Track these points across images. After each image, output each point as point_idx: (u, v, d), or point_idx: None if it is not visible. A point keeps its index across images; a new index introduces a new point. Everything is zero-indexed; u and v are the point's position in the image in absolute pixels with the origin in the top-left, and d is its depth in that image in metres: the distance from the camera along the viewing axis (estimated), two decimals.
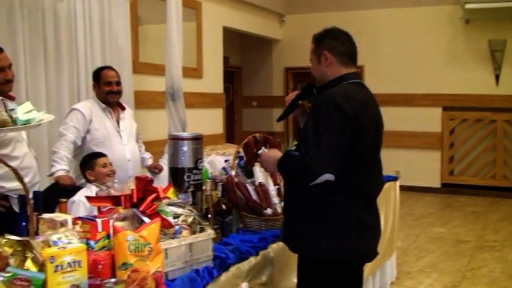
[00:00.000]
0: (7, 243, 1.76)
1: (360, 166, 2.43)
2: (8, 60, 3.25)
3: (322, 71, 2.53)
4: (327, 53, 2.50)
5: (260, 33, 9.93)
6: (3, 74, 3.19)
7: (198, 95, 7.55)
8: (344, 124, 2.31)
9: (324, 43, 2.53)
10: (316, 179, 2.29)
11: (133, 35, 6.06)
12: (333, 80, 2.50)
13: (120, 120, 4.20)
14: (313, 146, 2.29)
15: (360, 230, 2.46)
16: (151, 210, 2.23)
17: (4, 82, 3.20)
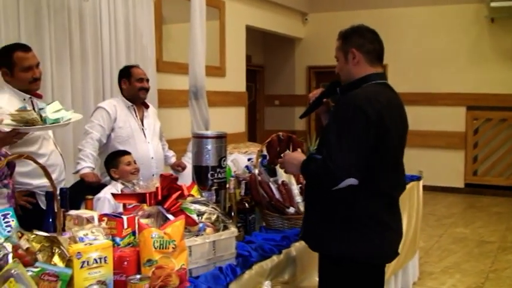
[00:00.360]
0: (35, 239, 1.80)
1: (383, 167, 2.41)
2: (35, 59, 3.31)
3: (349, 69, 2.50)
4: (355, 51, 2.46)
5: (283, 32, 9.92)
6: (31, 73, 3.25)
7: (221, 93, 7.58)
8: (367, 127, 2.28)
9: (352, 40, 2.49)
10: (338, 184, 2.28)
11: (158, 34, 6.11)
12: (357, 80, 2.47)
13: (144, 118, 4.25)
14: (335, 150, 2.26)
15: (381, 231, 2.45)
16: (175, 207, 2.26)
17: (32, 80, 3.26)
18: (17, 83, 3.25)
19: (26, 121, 2.18)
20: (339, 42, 2.53)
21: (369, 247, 2.42)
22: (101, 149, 4.06)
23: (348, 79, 2.51)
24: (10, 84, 3.25)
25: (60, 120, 2.24)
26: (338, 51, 2.53)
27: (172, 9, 6.62)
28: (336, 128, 2.32)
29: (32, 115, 2.17)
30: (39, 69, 3.32)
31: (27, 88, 3.26)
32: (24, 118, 2.18)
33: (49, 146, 3.34)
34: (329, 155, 2.27)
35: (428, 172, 7.22)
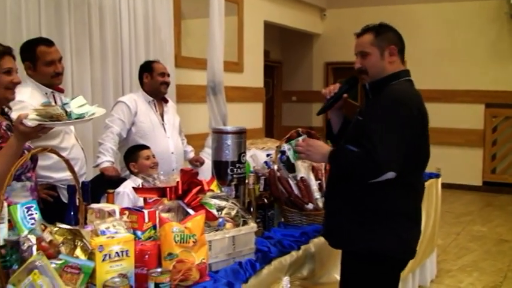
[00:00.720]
0: (58, 232, 1.82)
1: (417, 163, 2.46)
2: (58, 54, 3.34)
3: (383, 65, 2.49)
4: (394, 48, 2.48)
5: (301, 27, 9.89)
6: (54, 67, 3.28)
7: (239, 89, 7.59)
8: (410, 123, 2.33)
9: (389, 37, 2.50)
10: (379, 176, 2.30)
11: (176, 29, 6.13)
12: (389, 76, 2.48)
13: (164, 113, 4.27)
14: (380, 143, 2.27)
15: (410, 226, 2.49)
16: (195, 202, 2.27)
17: (54, 75, 3.29)
18: (39, 77, 3.28)
19: (50, 116, 2.19)
20: (371, 37, 2.50)
21: (399, 242, 2.44)
22: (121, 143, 4.09)
23: (379, 75, 2.50)
24: (33, 78, 3.29)
25: (85, 115, 2.26)
26: (371, 46, 2.49)
27: (191, 4, 6.63)
28: (380, 121, 2.33)
29: (57, 110, 2.18)
30: (61, 64, 3.35)
31: (49, 82, 3.29)
32: (49, 113, 2.19)
33: (70, 140, 3.37)
34: (374, 147, 2.27)
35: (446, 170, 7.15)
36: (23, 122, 2.22)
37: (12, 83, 2.48)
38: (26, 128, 2.23)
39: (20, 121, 2.23)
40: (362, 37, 2.53)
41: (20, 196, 2.49)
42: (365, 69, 2.52)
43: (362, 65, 2.52)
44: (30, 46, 3.31)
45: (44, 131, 2.33)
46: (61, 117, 2.19)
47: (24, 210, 1.89)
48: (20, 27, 4.17)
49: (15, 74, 2.51)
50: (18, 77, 2.53)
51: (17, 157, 2.29)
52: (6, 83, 2.46)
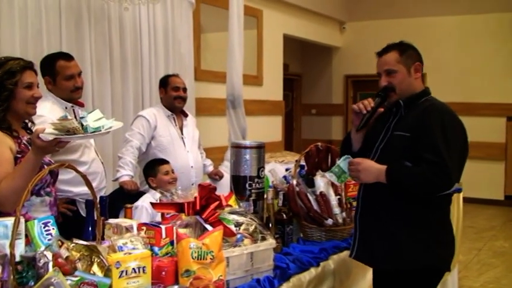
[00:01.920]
0: (75, 248, 1.81)
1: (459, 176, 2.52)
2: (77, 68, 3.36)
3: (411, 82, 2.55)
4: (419, 65, 2.55)
5: (320, 40, 9.88)
6: (73, 81, 3.30)
7: (258, 102, 7.58)
8: (463, 136, 2.47)
9: (414, 55, 2.57)
10: (451, 188, 2.37)
11: (196, 42, 6.14)
12: (421, 93, 2.56)
13: (183, 127, 4.27)
14: (448, 156, 2.34)
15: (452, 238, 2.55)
16: (213, 218, 2.25)
17: (74, 89, 3.30)
18: (59, 91, 3.30)
19: (67, 130, 2.19)
20: (396, 55, 2.54)
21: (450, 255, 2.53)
22: (141, 157, 4.10)
23: (407, 92, 2.55)
24: (53, 92, 3.30)
25: (101, 128, 2.25)
26: (397, 64, 2.53)
27: (211, 18, 6.66)
28: (440, 135, 2.38)
29: (73, 124, 2.18)
30: (81, 78, 3.36)
31: (69, 97, 3.31)
32: (66, 127, 2.19)
33: (90, 154, 3.38)
34: (443, 160, 2.32)
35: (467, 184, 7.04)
36: (39, 136, 2.23)
37: (33, 98, 2.49)
38: (43, 142, 2.23)
39: (36, 135, 2.24)
40: (386, 55, 2.56)
41: (39, 211, 2.49)
42: (392, 86, 2.54)
43: (389, 82, 2.55)
44: (49, 61, 3.33)
45: (60, 145, 2.33)
46: (77, 130, 2.19)
47: (41, 225, 1.88)
48: (41, 42, 4.21)
49: (36, 89, 2.52)
50: (39, 92, 2.54)
51: (34, 171, 2.29)
52: (27, 98, 2.47)
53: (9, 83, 2.41)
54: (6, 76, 2.41)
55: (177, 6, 5.65)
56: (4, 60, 2.47)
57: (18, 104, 2.45)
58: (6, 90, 2.41)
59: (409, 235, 2.45)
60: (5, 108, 2.43)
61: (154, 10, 5.35)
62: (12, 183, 2.24)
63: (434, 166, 2.32)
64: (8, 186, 2.25)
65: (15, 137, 2.46)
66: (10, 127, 2.45)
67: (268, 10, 7.96)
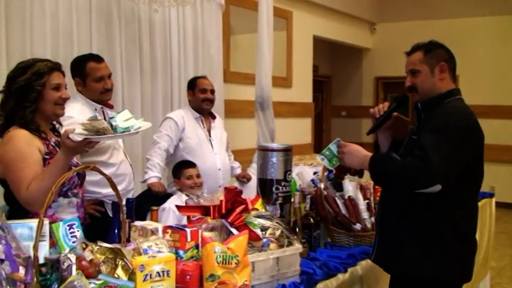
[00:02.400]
0: (99, 251, 1.80)
1: (475, 183, 2.42)
2: (107, 70, 3.37)
3: (434, 83, 2.45)
4: (444, 65, 2.44)
5: (350, 42, 9.81)
6: (103, 83, 3.31)
7: (287, 104, 7.54)
8: (464, 140, 2.29)
9: (439, 54, 2.47)
10: (430, 186, 2.24)
11: (225, 44, 6.14)
12: (443, 94, 2.44)
13: (211, 129, 4.27)
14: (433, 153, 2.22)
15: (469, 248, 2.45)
16: (239, 221, 2.22)
17: (104, 91, 3.32)
18: (89, 93, 3.31)
19: (96, 130, 2.20)
20: (420, 55, 2.47)
21: (462, 267, 2.41)
22: (169, 159, 4.11)
23: (430, 93, 2.46)
24: (83, 94, 3.32)
25: (131, 128, 2.25)
26: (420, 63, 2.46)
27: (240, 19, 6.65)
28: (434, 133, 2.28)
29: (102, 124, 2.18)
30: (110, 80, 3.38)
31: (98, 98, 3.33)
32: (95, 127, 2.20)
33: (119, 156, 3.38)
34: (426, 155, 2.21)
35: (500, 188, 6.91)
36: (69, 137, 2.24)
37: (61, 99, 2.51)
38: (73, 142, 2.24)
39: (66, 136, 2.25)
40: (412, 55, 2.50)
41: (66, 212, 2.50)
42: (415, 87, 2.47)
43: (412, 83, 2.49)
44: (80, 62, 3.35)
45: (90, 146, 2.34)
46: (107, 131, 2.20)
47: (66, 227, 1.89)
48: (72, 43, 4.25)
49: (64, 90, 2.53)
50: (67, 93, 2.55)
51: (64, 172, 2.29)
52: (55, 99, 2.48)
53: (37, 84, 2.43)
54: (35, 77, 2.43)
55: (206, 8, 5.65)
56: (32, 62, 2.50)
57: (46, 105, 2.47)
58: (35, 91, 2.43)
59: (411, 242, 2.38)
60: (34, 109, 2.45)
61: (184, 12, 5.36)
62: (41, 184, 2.26)
63: (417, 159, 2.22)
64: (38, 187, 2.27)
65: (44, 138, 2.48)
66: (38, 128, 2.47)
67: (298, 11, 7.92)
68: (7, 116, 2.46)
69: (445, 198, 2.29)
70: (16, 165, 2.35)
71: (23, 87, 2.43)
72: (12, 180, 2.37)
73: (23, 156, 2.36)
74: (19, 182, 2.33)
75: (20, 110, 2.43)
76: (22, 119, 2.43)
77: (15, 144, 2.38)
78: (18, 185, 2.33)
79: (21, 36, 3.87)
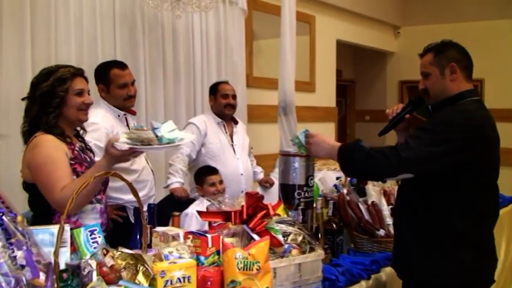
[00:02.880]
0: (120, 256, 1.80)
1: (483, 188, 2.34)
2: (131, 77, 3.40)
3: (445, 84, 2.40)
4: (455, 65, 2.38)
5: (374, 45, 9.73)
6: (127, 90, 3.34)
7: (310, 108, 7.50)
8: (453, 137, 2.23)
9: (449, 54, 2.41)
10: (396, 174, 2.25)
11: (248, 49, 6.14)
12: (453, 97, 2.39)
13: (233, 134, 4.27)
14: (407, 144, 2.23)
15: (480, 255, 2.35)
16: (260, 227, 2.21)
17: (127, 97, 3.35)
18: (112, 99, 3.34)
19: (141, 140, 2.20)
20: (430, 57, 2.43)
21: (466, 273, 2.31)
22: (191, 164, 4.12)
23: (441, 95, 2.42)
24: (106, 100, 3.35)
25: (175, 140, 2.25)
26: (430, 65, 2.42)
27: (263, 24, 6.64)
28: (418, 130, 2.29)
29: (148, 134, 2.18)
30: (134, 87, 3.40)
31: (122, 105, 3.35)
32: (140, 137, 2.19)
33: (141, 162, 3.40)
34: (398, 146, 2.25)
35: None
36: (114, 146, 2.24)
37: (84, 104, 2.53)
38: (118, 151, 2.24)
39: (111, 144, 2.25)
40: (423, 58, 2.47)
41: (89, 218, 2.52)
42: (426, 89, 2.45)
43: (424, 85, 2.45)
44: (104, 69, 3.39)
45: (135, 155, 2.35)
46: (152, 141, 2.19)
47: (88, 233, 1.89)
48: (96, 49, 4.28)
49: (86, 95, 2.56)
50: (90, 98, 2.58)
51: (102, 179, 2.36)
52: (78, 104, 2.51)
53: (60, 90, 2.46)
54: (57, 83, 2.46)
55: (229, 13, 5.66)
56: (55, 68, 2.53)
57: (69, 111, 2.50)
58: (58, 97, 2.46)
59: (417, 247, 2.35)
60: (57, 115, 2.48)
61: (207, 18, 5.37)
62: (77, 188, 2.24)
63: (387, 148, 2.23)
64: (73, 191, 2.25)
65: (69, 143, 2.51)
66: (63, 133, 2.50)
67: (321, 16, 7.88)
68: (31, 121, 2.49)
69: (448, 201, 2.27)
70: (46, 169, 2.38)
71: (46, 93, 2.46)
72: (44, 184, 2.39)
73: (51, 160, 2.39)
74: (52, 185, 2.35)
75: (43, 116, 2.46)
76: (46, 125, 2.46)
77: (43, 149, 2.41)
78: (51, 188, 2.35)
79: (46, 44, 3.91)
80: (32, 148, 2.44)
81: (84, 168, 2.50)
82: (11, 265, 1.39)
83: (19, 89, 3.33)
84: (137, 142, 2.21)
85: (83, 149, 2.63)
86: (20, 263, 1.42)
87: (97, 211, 2.57)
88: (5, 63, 3.67)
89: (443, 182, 2.29)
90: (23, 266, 1.43)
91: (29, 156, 2.44)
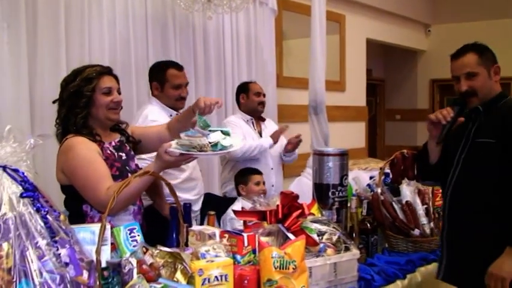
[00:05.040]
0: (159, 255, 1.82)
1: None
2: (186, 79, 3.45)
3: (491, 85, 2.43)
4: (498, 67, 2.42)
5: (405, 44, 9.64)
6: (180, 91, 3.39)
7: (341, 108, 7.48)
8: None
9: (490, 55, 2.44)
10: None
11: (278, 49, 6.14)
12: (499, 95, 2.43)
13: (262, 131, 4.32)
14: None
15: None
16: (296, 226, 2.22)
17: (179, 98, 3.39)
18: (164, 99, 3.39)
19: (194, 146, 2.20)
20: (475, 57, 2.41)
21: None
22: (222, 163, 4.16)
23: (488, 95, 2.42)
24: (158, 99, 3.39)
25: (229, 147, 2.26)
26: (478, 66, 2.40)
27: (293, 24, 6.64)
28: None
29: (203, 141, 2.18)
30: (187, 89, 3.43)
31: (173, 105, 3.39)
32: (193, 143, 2.19)
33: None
34: None
35: None
36: (167, 151, 2.22)
37: (113, 103, 2.46)
38: (171, 157, 2.22)
39: (164, 150, 2.23)
40: (464, 57, 2.43)
41: (123, 220, 2.45)
42: (473, 90, 2.40)
43: (470, 86, 2.41)
44: (161, 68, 3.44)
45: (188, 161, 2.35)
46: (205, 147, 2.19)
47: (127, 232, 1.92)
48: (129, 50, 4.33)
49: (115, 94, 2.49)
50: (119, 97, 2.50)
51: (149, 182, 2.35)
52: (107, 103, 2.44)
53: (86, 89, 2.41)
54: (83, 83, 2.42)
55: (259, 13, 5.67)
56: (83, 68, 2.49)
57: (98, 110, 2.45)
58: (84, 97, 2.41)
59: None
60: (85, 115, 2.43)
61: (237, 18, 5.39)
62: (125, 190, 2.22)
63: None
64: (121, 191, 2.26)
65: (99, 141, 2.46)
66: (92, 133, 2.45)
67: (351, 15, 7.85)
68: (62, 124, 2.47)
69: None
70: (84, 171, 2.34)
71: (73, 94, 2.42)
72: (85, 186, 2.35)
73: (87, 161, 2.35)
74: (94, 186, 2.31)
75: (72, 117, 2.42)
76: (74, 126, 2.42)
77: (77, 151, 2.37)
78: (94, 189, 2.31)
79: (80, 45, 3.97)
80: (64, 151, 2.41)
81: (115, 170, 2.45)
82: (55, 262, 1.42)
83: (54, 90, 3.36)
84: (190, 148, 2.20)
85: (121, 145, 2.56)
86: (64, 260, 1.45)
87: (130, 213, 2.52)
88: (40, 65, 3.73)
89: None
90: (67, 263, 1.46)
91: (63, 160, 2.41)
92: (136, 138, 2.68)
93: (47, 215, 1.47)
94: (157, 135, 2.70)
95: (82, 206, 2.39)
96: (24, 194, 1.45)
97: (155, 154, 2.34)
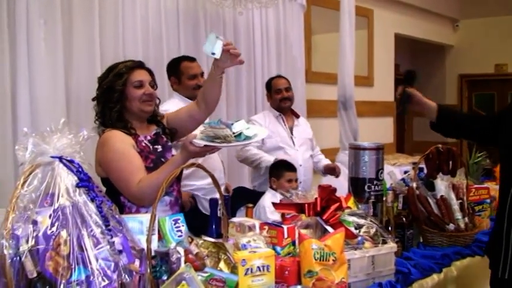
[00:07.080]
0: (203, 245, 1.87)
1: None
2: (200, 68, 3.57)
3: None
4: None
5: (432, 39, 9.57)
6: (196, 80, 3.50)
7: (369, 103, 7.46)
8: None
9: None
10: None
11: (307, 44, 6.15)
12: None
13: (293, 127, 4.34)
14: None
15: None
16: (334, 219, 2.24)
17: (196, 87, 3.48)
18: (183, 90, 3.53)
19: (218, 137, 2.24)
20: None
21: None
22: None
23: None
24: (178, 92, 3.55)
25: (253, 137, 2.30)
26: None
27: (321, 19, 6.64)
28: None
29: (226, 132, 2.23)
30: (203, 78, 3.51)
31: (191, 95, 3.47)
32: (217, 134, 2.24)
33: None
34: None
35: None
36: (192, 142, 2.28)
37: (145, 95, 2.51)
38: (196, 148, 2.27)
39: (189, 141, 2.28)
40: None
41: (159, 211, 2.49)
42: None
43: None
44: (174, 63, 3.61)
45: (213, 151, 2.39)
46: (229, 138, 2.24)
47: (172, 222, 1.96)
48: (161, 45, 4.40)
49: (147, 86, 2.53)
50: (150, 89, 2.54)
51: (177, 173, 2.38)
52: (139, 96, 2.50)
53: (117, 84, 2.48)
54: (115, 78, 2.49)
55: (288, 9, 5.70)
56: (115, 65, 2.57)
57: (131, 104, 2.51)
58: (116, 91, 2.48)
59: None
60: (119, 109, 2.50)
61: (267, 14, 5.42)
62: (155, 181, 2.26)
63: None
64: (149, 183, 2.31)
65: (133, 134, 2.51)
66: (126, 126, 2.51)
67: (379, 9, 7.82)
68: (99, 119, 2.54)
69: None
70: (118, 163, 2.41)
71: (106, 90, 2.50)
72: (119, 178, 2.42)
73: (121, 154, 2.42)
74: (126, 178, 2.38)
75: (107, 112, 2.50)
76: (110, 120, 2.49)
77: (112, 144, 2.43)
78: (126, 181, 2.38)
79: (114, 42, 4.04)
80: (101, 145, 2.48)
81: (150, 162, 2.50)
82: (110, 250, 1.47)
83: (89, 85, 3.44)
84: (213, 139, 2.25)
85: (156, 138, 2.61)
86: (117, 248, 1.50)
87: (167, 204, 2.56)
88: (76, 60, 3.82)
89: None
90: (120, 251, 1.51)
91: (100, 153, 2.48)
92: (171, 125, 2.72)
93: (101, 204, 1.52)
94: (188, 113, 2.74)
95: (120, 197, 2.45)
96: (80, 184, 1.51)
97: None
